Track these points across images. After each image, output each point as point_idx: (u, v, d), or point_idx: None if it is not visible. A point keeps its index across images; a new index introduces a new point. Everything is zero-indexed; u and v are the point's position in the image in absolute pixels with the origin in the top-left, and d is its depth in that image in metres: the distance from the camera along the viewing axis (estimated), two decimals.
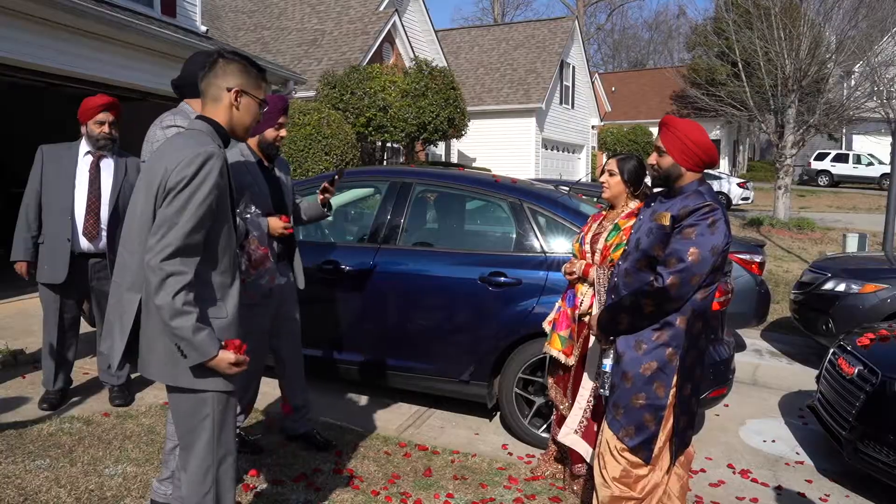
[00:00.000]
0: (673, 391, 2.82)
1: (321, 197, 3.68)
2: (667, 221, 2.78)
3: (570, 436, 3.49)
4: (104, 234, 4.23)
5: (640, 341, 2.84)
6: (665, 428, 2.86)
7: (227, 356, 2.14)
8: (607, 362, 3.01)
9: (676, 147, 2.82)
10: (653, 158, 2.92)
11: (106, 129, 4.17)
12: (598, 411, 3.34)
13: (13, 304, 6.77)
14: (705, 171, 2.90)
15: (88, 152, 4.22)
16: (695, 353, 2.86)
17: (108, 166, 4.25)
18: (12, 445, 3.69)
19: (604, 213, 3.64)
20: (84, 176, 4.20)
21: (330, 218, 4.17)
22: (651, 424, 2.83)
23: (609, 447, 2.93)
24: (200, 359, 2.11)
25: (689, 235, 2.70)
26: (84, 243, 4.20)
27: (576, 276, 3.55)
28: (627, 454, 2.88)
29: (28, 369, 5.01)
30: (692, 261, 2.67)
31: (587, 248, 3.53)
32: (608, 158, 3.60)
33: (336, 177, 3.64)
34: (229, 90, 2.27)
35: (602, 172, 3.56)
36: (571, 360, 3.57)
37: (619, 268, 3.02)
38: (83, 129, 4.21)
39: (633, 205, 3.49)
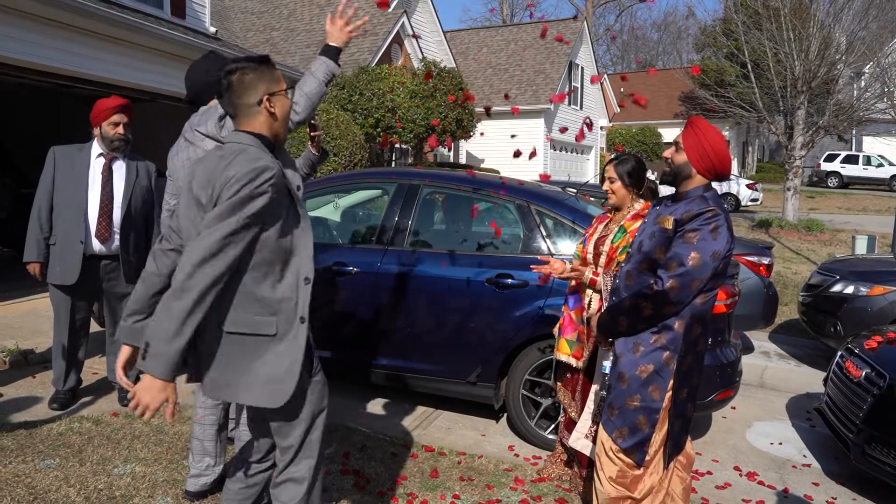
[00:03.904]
0: (669, 395, 2.82)
1: (314, 134, 3.30)
2: (669, 225, 2.78)
3: (580, 440, 3.48)
4: (117, 236, 4.25)
5: (637, 343, 2.84)
6: (660, 431, 2.85)
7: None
8: (606, 364, 3.02)
9: (694, 147, 2.82)
10: (669, 152, 2.92)
11: (121, 130, 4.19)
12: None
13: (23, 305, 6.82)
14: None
15: (101, 154, 4.25)
16: (692, 358, 2.85)
17: (120, 168, 4.28)
18: (22, 445, 3.73)
19: (609, 215, 3.64)
20: (97, 178, 4.22)
21: (338, 219, 4.17)
22: (645, 427, 2.83)
23: (605, 448, 2.94)
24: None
25: (691, 240, 2.70)
26: (96, 245, 4.22)
27: (571, 276, 3.53)
28: (622, 455, 2.88)
29: (38, 369, 5.06)
30: (693, 265, 2.68)
31: (590, 248, 3.52)
32: (605, 164, 3.58)
33: (314, 121, 3.34)
34: (259, 102, 2.17)
35: (602, 180, 3.56)
36: (582, 364, 3.57)
37: (622, 270, 3.03)
38: (96, 131, 4.23)
39: (639, 205, 3.49)
